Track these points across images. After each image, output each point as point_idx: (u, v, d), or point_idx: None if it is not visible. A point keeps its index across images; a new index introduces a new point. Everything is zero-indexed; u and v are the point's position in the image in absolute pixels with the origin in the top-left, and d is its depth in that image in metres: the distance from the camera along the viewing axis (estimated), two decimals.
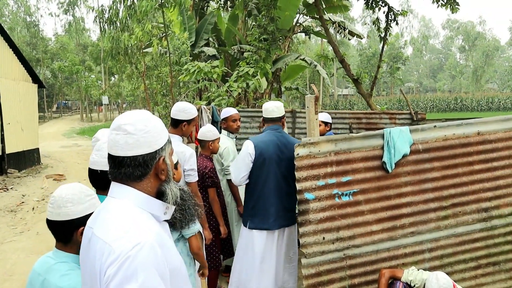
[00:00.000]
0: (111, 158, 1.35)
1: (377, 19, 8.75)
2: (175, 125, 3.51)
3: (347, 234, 3.49)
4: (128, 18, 9.67)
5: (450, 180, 3.78)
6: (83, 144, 21.11)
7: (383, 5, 8.16)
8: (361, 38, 16.01)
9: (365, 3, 8.24)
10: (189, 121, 3.51)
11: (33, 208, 8.19)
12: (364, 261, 3.57)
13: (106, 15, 10.17)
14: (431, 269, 3.72)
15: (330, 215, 3.43)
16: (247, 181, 3.59)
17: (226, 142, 4.34)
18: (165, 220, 1.42)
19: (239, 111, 6.92)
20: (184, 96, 9.96)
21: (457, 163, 3.79)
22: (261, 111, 7.22)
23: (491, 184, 3.88)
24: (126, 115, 1.39)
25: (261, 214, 3.55)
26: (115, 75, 47.42)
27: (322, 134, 5.00)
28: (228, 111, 4.47)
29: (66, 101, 57.98)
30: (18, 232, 6.63)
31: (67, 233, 1.73)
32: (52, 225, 1.71)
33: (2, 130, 11.62)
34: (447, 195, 3.78)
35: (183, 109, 3.52)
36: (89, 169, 2.05)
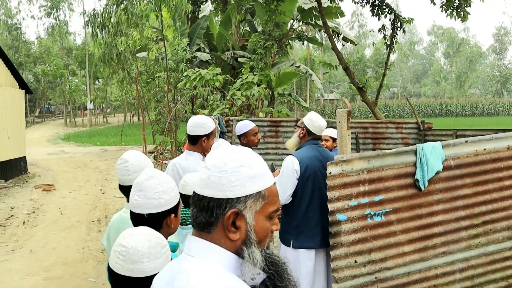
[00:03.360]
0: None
1: (383, 26, 8.63)
2: (194, 141, 3.29)
3: (379, 256, 3.30)
4: (121, 23, 9.35)
5: (481, 197, 3.64)
6: (70, 151, 20.56)
7: (389, 12, 8.04)
8: (355, 44, 15.96)
9: (370, 10, 8.12)
10: (208, 135, 3.32)
11: (23, 222, 7.76)
12: (395, 284, 3.38)
13: (99, 19, 9.83)
14: None
15: (362, 236, 3.23)
16: (291, 199, 3.35)
17: None
18: None
19: (243, 120, 6.71)
20: (180, 103, 9.69)
21: (487, 179, 3.65)
22: (266, 120, 7.02)
23: None
24: (222, 149, 1.13)
25: (308, 232, 3.34)
26: (99, 79, 46.68)
27: (330, 150, 4.81)
28: (246, 125, 4.17)
29: (49, 106, 56.81)
30: (9, 250, 6.23)
31: None
32: (119, 279, 1.40)
33: None
34: (478, 213, 3.63)
35: (201, 124, 3.29)
36: (132, 212, 1.76)
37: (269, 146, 6.92)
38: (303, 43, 16.92)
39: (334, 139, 4.95)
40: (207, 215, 1.06)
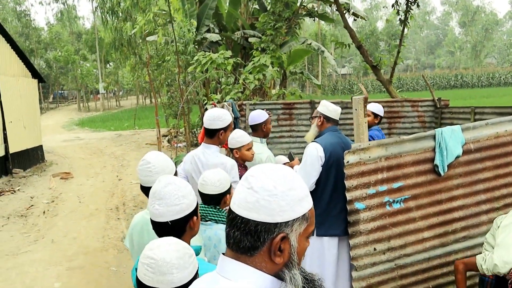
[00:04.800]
0: (229, 212, 1.08)
1: (396, 1, 8.38)
2: (211, 135, 3.26)
3: (398, 243, 3.28)
4: (130, 8, 9.26)
5: (502, 179, 3.58)
6: (85, 137, 20.78)
7: None
8: (365, 20, 15.56)
9: None
10: (225, 128, 3.30)
11: (44, 212, 7.92)
12: (415, 270, 3.37)
13: (108, 5, 9.76)
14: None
15: (381, 224, 3.21)
16: (314, 186, 3.31)
17: (265, 150, 3.94)
18: None
19: (256, 104, 6.64)
20: (192, 87, 9.63)
21: (509, 161, 3.58)
22: (279, 103, 6.94)
23: None
24: (263, 166, 1.09)
25: (332, 220, 3.30)
26: (110, 63, 46.70)
27: (370, 125, 4.49)
28: (263, 114, 4.04)
29: (62, 91, 57.29)
30: (32, 241, 6.37)
31: None
32: None
33: (5, 129, 11.28)
34: (499, 196, 3.58)
35: (218, 117, 3.25)
36: (153, 221, 1.75)
37: (284, 129, 6.86)
38: (314, 19, 16.58)
39: (375, 115, 4.70)
40: (253, 239, 1.02)
